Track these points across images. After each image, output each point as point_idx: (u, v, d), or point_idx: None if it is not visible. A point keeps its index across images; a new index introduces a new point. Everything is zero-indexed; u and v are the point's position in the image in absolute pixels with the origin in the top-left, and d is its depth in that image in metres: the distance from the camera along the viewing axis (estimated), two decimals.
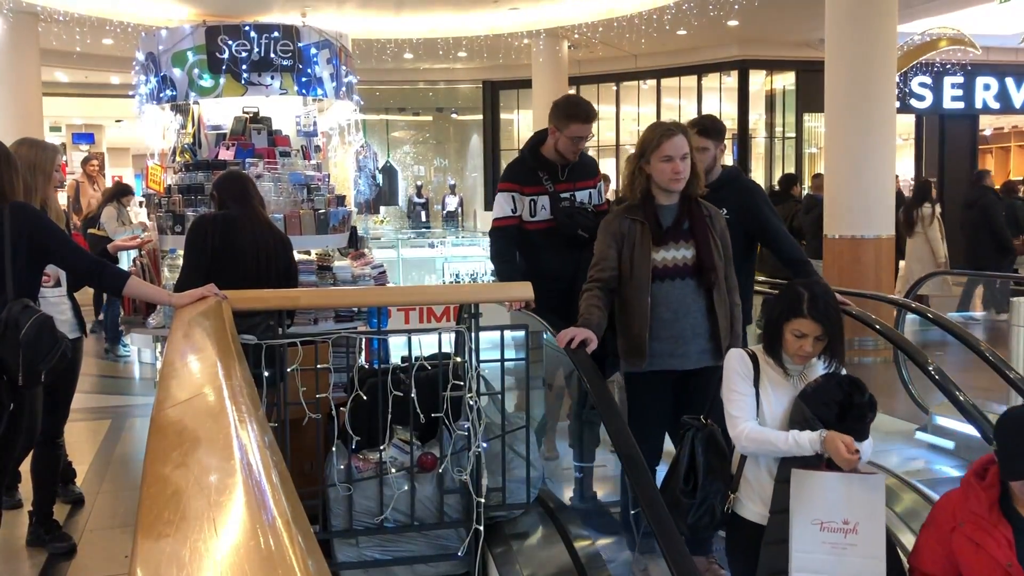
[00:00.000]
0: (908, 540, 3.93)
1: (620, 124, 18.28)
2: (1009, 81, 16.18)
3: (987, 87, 16.17)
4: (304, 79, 6.21)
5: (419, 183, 20.58)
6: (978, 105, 16.25)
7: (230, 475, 1.40)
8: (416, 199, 19.90)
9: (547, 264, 4.07)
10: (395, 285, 7.93)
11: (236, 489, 1.31)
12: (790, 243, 4.07)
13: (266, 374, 3.56)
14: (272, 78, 6.12)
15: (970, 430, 4.43)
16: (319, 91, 6.34)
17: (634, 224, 3.39)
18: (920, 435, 5.76)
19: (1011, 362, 5.46)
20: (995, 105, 16.36)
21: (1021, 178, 16.70)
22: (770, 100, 16.75)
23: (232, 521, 1.20)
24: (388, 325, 4.55)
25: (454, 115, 21.16)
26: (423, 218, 19.48)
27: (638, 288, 3.34)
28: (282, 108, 6.46)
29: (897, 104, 9.52)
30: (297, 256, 5.00)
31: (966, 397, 3.87)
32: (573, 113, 4.01)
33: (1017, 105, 16.39)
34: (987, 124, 18.78)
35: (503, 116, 19.66)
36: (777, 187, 12.42)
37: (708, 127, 4.05)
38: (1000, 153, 20.45)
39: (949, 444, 5.45)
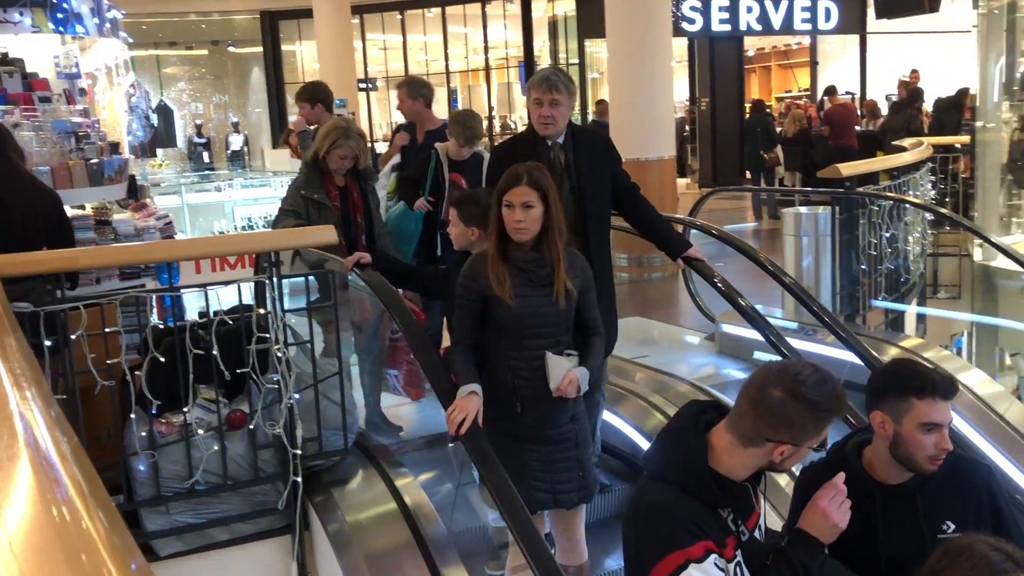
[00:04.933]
0: None
1: (408, 54, 18.00)
2: (768, 3, 17.23)
3: (749, 9, 17.15)
4: (60, 15, 5.62)
5: (198, 122, 19.44)
6: (743, 27, 17.23)
7: (14, 458, 1.28)
8: (197, 139, 18.83)
9: None
10: (184, 236, 7.51)
11: (22, 471, 1.20)
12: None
13: (48, 343, 3.27)
14: (21, 14, 5.50)
15: (754, 334, 4.81)
16: (79, 28, 5.77)
17: None
18: (708, 342, 6.19)
19: (787, 266, 5.96)
20: (757, 27, 17.40)
21: (784, 94, 17.99)
22: (553, 27, 17.01)
23: (22, 505, 1.10)
24: (180, 279, 4.29)
25: (231, 48, 20.04)
26: (206, 159, 18.49)
27: None
28: (37, 48, 5.84)
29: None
30: (70, 212, 4.59)
31: (747, 303, 4.11)
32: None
33: (776, 26, 17.50)
34: (750, 45, 20.01)
35: (285, 48, 18.84)
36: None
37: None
38: (762, 72, 21.91)
39: (735, 349, 5.87)
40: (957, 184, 9.54)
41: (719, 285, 4.04)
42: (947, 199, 9.30)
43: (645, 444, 4.31)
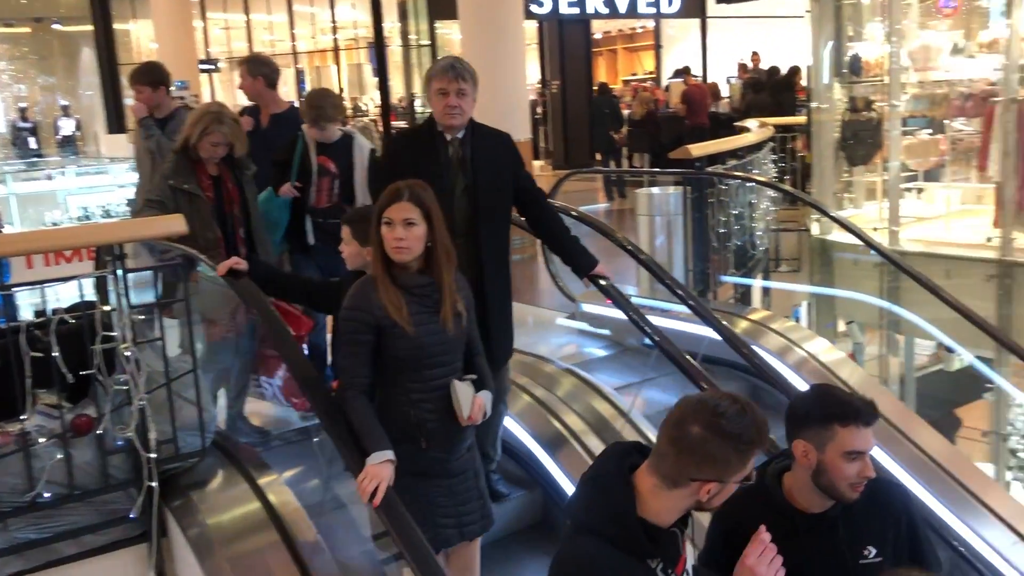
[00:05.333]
0: (569, 420, 4.30)
1: (252, 34, 17.36)
2: None
3: None
4: None
5: (22, 105, 18.11)
6: (590, 10, 17.53)
7: None
8: (21, 124, 17.56)
9: None
10: (12, 229, 6.98)
11: None
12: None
13: None
14: None
15: (614, 313, 4.90)
16: None
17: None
18: (570, 322, 6.27)
19: (640, 245, 6.10)
20: (604, 10, 17.75)
21: (630, 77, 18.44)
22: (403, 7, 16.78)
23: None
24: (11, 276, 3.95)
25: (57, 26, 18.74)
26: (32, 145, 17.29)
27: None
28: None
29: None
30: None
31: (609, 282, 4.10)
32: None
33: (622, 10, 17.91)
34: (597, 29, 20.42)
35: (117, 26, 17.75)
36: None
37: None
38: (609, 55, 22.42)
39: (596, 327, 5.97)
40: (796, 162, 10.06)
41: (630, 314, 3.95)
42: (786, 177, 9.78)
43: (512, 426, 4.31)
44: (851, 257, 8.25)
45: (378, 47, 16.26)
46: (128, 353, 3.30)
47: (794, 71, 12.92)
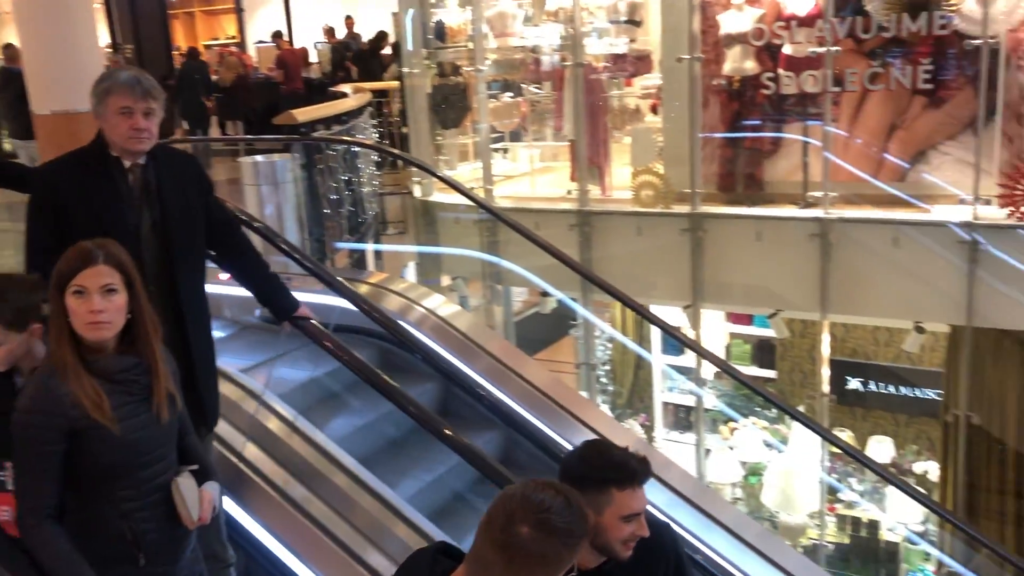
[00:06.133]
0: None
1: None
2: None
3: None
4: None
5: None
6: None
7: None
8: None
9: None
10: None
11: None
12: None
13: None
14: None
15: (231, 290, 4.67)
16: None
17: None
18: None
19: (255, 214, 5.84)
20: None
21: (212, 42, 17.56)
22: None
23: None
24: None
25: None
26: None
27: None
28: None
29: None
30: None
31: (313, 322, 3.76)
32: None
33: None
34: None
35: None
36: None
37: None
38: (186, 19, 21.13)
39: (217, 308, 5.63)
40: (392, 127, 10.31)
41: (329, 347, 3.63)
42: (385, 141, 9.99)
43: None
44: (452, 216, 8.68)
45: None
46: None
47: (381, 36, 13.19)
